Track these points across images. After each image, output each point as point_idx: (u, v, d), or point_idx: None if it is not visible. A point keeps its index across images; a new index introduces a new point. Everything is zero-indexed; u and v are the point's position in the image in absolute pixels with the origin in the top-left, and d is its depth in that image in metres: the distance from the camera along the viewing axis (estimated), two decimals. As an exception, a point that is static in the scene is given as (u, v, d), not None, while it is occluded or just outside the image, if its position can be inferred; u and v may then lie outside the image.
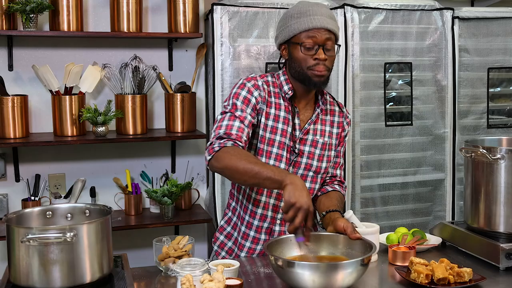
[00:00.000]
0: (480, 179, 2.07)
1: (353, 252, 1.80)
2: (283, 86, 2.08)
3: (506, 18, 3.48)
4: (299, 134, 2.08)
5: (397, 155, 3.40)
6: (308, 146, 2.09)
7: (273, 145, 2.04)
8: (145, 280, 1.88)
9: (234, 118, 1.97)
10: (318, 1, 2.11)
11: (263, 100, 2.04)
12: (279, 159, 2.05)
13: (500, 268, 1.93)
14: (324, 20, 1.98)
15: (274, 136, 2.04)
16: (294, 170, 2.09)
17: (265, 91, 2.05)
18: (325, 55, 1.98)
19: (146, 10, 3.24)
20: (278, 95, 2.08)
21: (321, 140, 2.12)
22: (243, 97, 2.02)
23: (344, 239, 1.85)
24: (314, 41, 1.98)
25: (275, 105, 2.06)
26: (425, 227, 3.40)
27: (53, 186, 3.17)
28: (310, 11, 1.99)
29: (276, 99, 2.07)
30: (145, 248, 3.09)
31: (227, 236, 2.20)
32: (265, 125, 2.04)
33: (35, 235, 1.61)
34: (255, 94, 2.03)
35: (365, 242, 1.79)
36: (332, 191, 2.17)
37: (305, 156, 2.09)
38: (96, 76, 3.06)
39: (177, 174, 3.35)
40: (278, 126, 2.05)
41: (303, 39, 1.98)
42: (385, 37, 3.30)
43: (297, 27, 1.99)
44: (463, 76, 3.45)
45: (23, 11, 2.84)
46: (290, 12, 2.03)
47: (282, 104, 2.07)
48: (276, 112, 2.05)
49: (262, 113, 2.04)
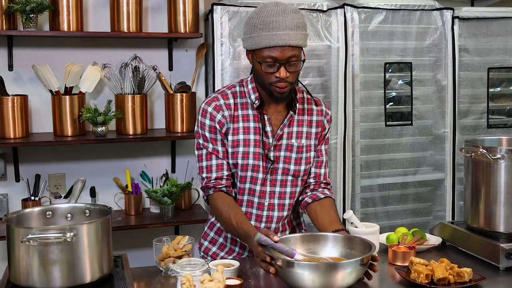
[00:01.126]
0: (480, 179, 2.07)
1: (353, 252, 1.80)
2: (251, 95, 2.03)
3: (506, 18, 3.48)
4: (272, 141, 2.04)
5: (397, 155, 3.40)
6: (283, 151, 2.05)
7: (248, 158, 2.02)
8: (145, 280, 1.88)
9: (210, 156, 2.04)
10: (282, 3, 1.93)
11: (229, 119, 2.02)
12: (256, 170, 2.03)
13: (500, 268, 1.93)
14: (288, 35, 1.85)
15: (247, 149, 2.02)
16: (272, 177, 2.06)
17: (230, 107, 2.02)
18: (287, 73, 1.89)
19: (146, 10, 3.24)
20: (246, 105, 2.04)
21: (296, 143, 2.06)
22: (208, 126, 2.03)
23: (343, 239, 1.84)
24: (275, 59, 1.87)
25: (243, 117, 2.03)
26: (425, 227, 3.40)
27: (53, 186, 3.17)
28: (274, 22, 1.85)
29: (244, 111, 2.03)
30: (145, 248, 3.09)
31: (211, 242, 2.19)
32: (236, 141, 2.02)
33: (35, 235, 1.61)
34: (218, 118, 2.01)
35: (364, 241, 1.79)
36: (324, 198, 2.10)
37: (281, 162, 2.05)
38: (96, 76, 3.06)
39: (177, 174, 3.35)
40: (250, 138, 2.02)
41: (265, 56, 1.87)
42: (385, 37, 3.30)
43: (258, 41, 1.87)
44: (463, 76, 3.46)
45: (23, 11, 2.84)
46: (254, 20, 1.89)
47: (251, 114, 2.03)
48: (245, 125, 2.02)
49: (229, 132, 2.02)
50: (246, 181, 2.05)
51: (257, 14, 1.90)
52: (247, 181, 2.05)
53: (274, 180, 2.06)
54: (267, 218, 2.08)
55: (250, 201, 2.07)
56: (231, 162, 2.04)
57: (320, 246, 1.85)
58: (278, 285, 1.80)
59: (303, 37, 1.90)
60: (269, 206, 2.08)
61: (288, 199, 2.10)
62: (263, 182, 2.05)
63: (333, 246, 1.84)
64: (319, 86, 3.21)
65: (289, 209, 2.12)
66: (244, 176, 2.04)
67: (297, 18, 1.88)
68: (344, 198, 3.29)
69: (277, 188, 2.07)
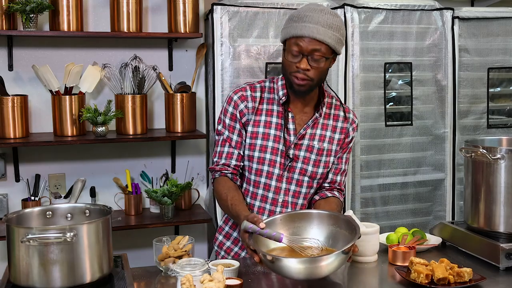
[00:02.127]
0: (480, 179, 2.07)
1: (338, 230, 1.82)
2: (279, 91, 2.07)
3: (506, 18, 3.48)
4: (294, 139, 2.06)
5: (397, 155, 3.40)
6: (303, 151, 2.08)
7: (265, 151, 2.05)
8: (145, 280, 1.88)
9: (224, 143, 2.10)
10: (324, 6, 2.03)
11: (252, 110, 2.06)
12: (273, 165, 2.05)
13: (500, 268, 1.93)
14: (317, 29, 1.89)
15: (266, 143, 2.05)
16: (289, 174, 2.08)
17: (255, 99, 2.06)
18: (308, 65, 1.92)
19: (146, 10, 3.24)
20: (273, 100, 2.08)
21: (317, 146, 2.09)
22: (230, 113, 2.09)
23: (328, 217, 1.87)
24: (299, 49, 1.92)
25: (267, 112, 2.06)
26: (425, 227, 3.40)
27: (53, 186, 3.17)
28: (308, 17, 1.91)
29: (269, 105, 2.07)
30: (145, 248, 3.09)
31: (226, 236, 2.21)
32: (255, 133, 2.05)
33: (35, 235, 1.61)
34: (241, 107, 2.07)
35: (349, 221, 1.81)
36: (331, 196, 2.14)
37: (300, 161, 2.08)
38: (96, 76, 3.06)
39: (177, 174, 3.35)
40: (270, 132, 2.05)
41: (291, 45, 1.94)
42: (385, 37, 3.30)
43: (289, 31, 1.94)
44: (463, 76, 3.45)
45: (23, 11, 2.84)
46: (293, 13, 1.98)
47: (275, 110, 2.07)
48: (267, 119, 2.06)
49: (250, 123, 2.06)
50: (262, 175, 2.07)
51: (297, 10, 1.97)
52: (262, 175, 2.07)
53: (291, 178, 2.08)
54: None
55: (264, 196, 2.09)
56: (247, 153, 2.07)
57: (305, 225, 1.86)
58: (278, 285, 1.80)
59: (333, 37, 1.92)
60: (283, 202, 2.09)
61: (302, 199, 2.12)
62: (279, 178, 2.07)
63: (318, 225, 1.86)
64: (319, 86, 3.21)
65: (302, 209, 2.13)
66: (260, 170, 2.07)
67: (332, 19, 1.93)
68: (344, 198, 3.28)
69: (292, 187, 2.09)
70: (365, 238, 1.99)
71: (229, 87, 3.04)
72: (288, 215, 1.90)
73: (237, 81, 3.06)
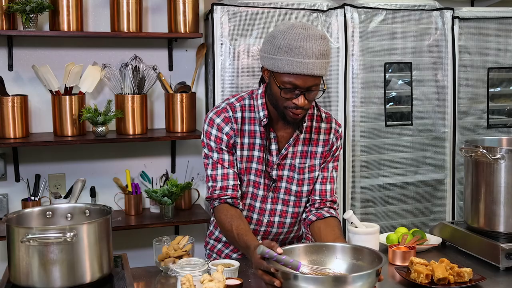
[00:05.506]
0: (480, 179, 2.07)
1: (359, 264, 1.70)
2: (259, 111, 1.96)
3: (506, 18, 3.48)
4: (276, 159, 2.00)
5: (397, 155, 3.40)
6: (286, 170, 2.02)
7: (250, 173, 2.00)
8: (145, 280, 1.88)
9: (216, 166, 1.99)
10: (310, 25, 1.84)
11: (236, 133, 1.97)
12: (257, 186, 2.02)
13: (500, 268, 1.93)
14: (313, 64, 1.77)
15: (250, 164, 2.00)
16: (274, 194, 2.04)
17: (237, 121, 1.97)
18: (305, 101, 1.83)
19: (146, 10, 3.24)
20: (254, 120, 1.99)
21: (298, 165, 2.02)
22: (214, 136, 1.98)
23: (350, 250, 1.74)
24: (295, 86, 1.80)
25: (249, 133, 1.99)
26: (425, 227, 3.40)
27: (53, 186, 3.17)
28: (300, 48, 1.76)
29: (252, 126, 1.99)
30: (145, 248, 3.09)
31: (216, 240, 2.20)
32: (240, 156, 1.99)
33: (35, 235, 1.61)
34: (226, 130, 1.97)
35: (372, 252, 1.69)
36: (329, 217, 2.02)
37: (284, 181, 2.03)
38: (96, 76, 3.06)
39: (177, 174, 3.35)
40: (254, 154, 2.00)
41: (285, 82, 1.80)
42: (385, 37, 3.30)
43: (282, 66, 1.79)
44: (463, 76, 3.45)
45: (23, 11, 2.84)
46: (279, 41, 1.80)
47: (258, 130, 1.98)
48: (250, 141, 1.99)
49: (236, 146, 1.99)
50: (247, 197, 2.04)
51: (283, 34, 1.80)
52: (248, 196, 2.04)
53: (277, 198, 2.05)
54: (264, 233, 2.09)
55: (249, 217, 2.06)
56: None
57: (324, 257, 1.75)
58: (278, 285, 1.80)
59: (326, 66, 1.83)
60: (268, 223, 2.07)
61: (290, 218, 2.09)
62: (264, 199, 2.04)
63: (339, 257, 1.74)
64: (319, 86, 3.21)
65: (290, 227, 2.11)
66: (246, 192, 2.03)
67: (324, 45, 1.80)
68: (344, 198, 3.29)
69: (279, 206, 2.06)
70: (365, 238, 1.99)
71: (229, 87, 3.04)
72: (309, 246, 1.77)
73: (237, 81, 3.06)
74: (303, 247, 1.77)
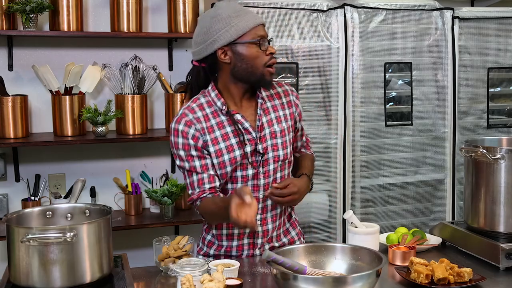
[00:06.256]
0: (480, 179, 2.07)
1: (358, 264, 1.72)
2: (216, 102, 2.01)
3: (506, 18, 3.48)
4: (256, 134, 2.03)
5: (397, 155, 3.40)
6: (269, 140, 2.05)
7: (236, 162, 2.00)
8: (145, 280, 1.88)
9: (190, 174, 2.02)
10: None
11: (202, 131, 1.99)
12: (245, 168, 2.02)
13: (500, 268, 1.93)
14: (257, 15, 2.02)
15: (233, 154, 2.00)
16: (265, 169, 2.04)
17: (200, 120, 1.99)
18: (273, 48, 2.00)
19: (146, 10, 3.24)
20: (216, 113, 2.02)
21: (278, 128, 2.07)
22: (182, 144, 1.99)
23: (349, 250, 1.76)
24: (263, 37, 1.96)
25: (218, 125, 2.01)
26: (425, 227, 3.39)
27: (53, 186, 3.17)
28: (242, 10, 1.98)
29: (217, 118, 2.01)
30: (145, 248, 3.09)
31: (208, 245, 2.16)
32: (219, 150, 1.99)
33: (35, 235, 1.61)
34: (191, 133, 1.98)
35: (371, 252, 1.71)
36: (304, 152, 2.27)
37: (270, 151, 2.05)
38: (96, 76, 3.06)
39: (177, 174, 3.35)
40: (232, 142, 2.00)
41: (254, 36, 1.95)
42: (385, 37, 3.30)
43: (245, 24, 1.94)
44: (463, 76, 3.45)
45: (23, 11, 2.84)
46: (223, 15, 1.95)
47: (224, 119, 2.02)
48: (222, 132, 2.00)
49: (208, 143, 1.99)
50: (237, 181, 2.04)
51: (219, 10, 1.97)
52: (238, 181, 2.04)
53: (268, 171, 2.05)
54: (263, 210, 2.07)
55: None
56: (219, 172, 2.01)
57: (323, 258, 1.77)
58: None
59: None
60: (263, 198, 2.06)
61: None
62: (255, 176, 2.03)
63: (338, 258, 1.76)
64: (319, 86, 3.21)
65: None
66: (235, 177, 2.03)
67: None
68: (344, 198, 3.29)
69: (271, 178, 2.06)
70: (365, 238, 1.99)
71: (229, 87, 3.04)
72: (308, 247, 1.80)
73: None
74: (303, 247, 1.80)
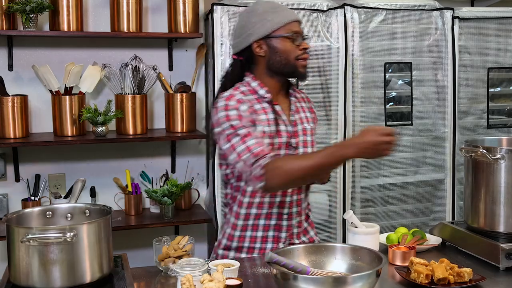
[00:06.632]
0: (480, 179, 2.07)
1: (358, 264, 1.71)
2: (258, 91, 2.03)
3: (506, 18, 3.48)
4: (291, 128, 2.07)
5: (397, 155, 3.39)
6: (301, 136, 2.09)
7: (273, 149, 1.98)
8: (145, 280, 1.88)
9: (245, 139, 1.90)
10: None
11: (252, 110, 1.99)
12: None
13: (500, 268, 1.93)
14: (294, 12, 2.07)
15: (272, 140, 2.00)
16: None
17: (247, 101, 2.00)
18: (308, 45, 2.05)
19: (146, 10, 3.24)
20: (259, 99, 2.03)
21: (308, 127, 2.13)
22: (235, 115, 1.94)
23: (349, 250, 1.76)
24: (297, 32, 2.02)
25: (262, 110, 2.02)
26: (425, 227, 3.39)
27: (53, 186, 3.17)
28: (279, 6, 2.05)
29: (260, 104, 2.03)
30: (145, 248, 3.09)
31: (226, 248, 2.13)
32: (263, 132, 1.99)
33: (35, 235, 1.61)
34: (243, 108, 1.96)
35: (371, 252, 1.71)
36: None
37: (301, 147, 2.08)
38: (96, 76, 3.06)
39: (177, 174, 3.35)
40: (272, 129, 2.02)
41: (288, 31, 2.01)
42: (385, 37, 3.30)
43: (280, 19, 2.01)
44: (463, 76, 3.45)
45: (23, 11, 2.84)
46: (260, 10, 2.04)
47: (267, 106, 2.03)
48: (266, 117, 2.01)
49: (255, 122, 1.98)
50: None
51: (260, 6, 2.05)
52: None
53: None
54: (290, 204, 2.07)
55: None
56: None
57: (324, 258, 1.76)
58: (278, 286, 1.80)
59: None
60: (292, 191, 2.06)
61: None
62: None
63: (338, 258, 1.76)
64: (319, 86, 3.21)
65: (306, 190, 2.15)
66: None
67: None
68: (344, 198, 3.29)
69: None
70: (365, 238, 1.99)
71: (229, 87, 3.04)
72: (308, 247, 1.79)
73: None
74: (303, 247, 1.79)
